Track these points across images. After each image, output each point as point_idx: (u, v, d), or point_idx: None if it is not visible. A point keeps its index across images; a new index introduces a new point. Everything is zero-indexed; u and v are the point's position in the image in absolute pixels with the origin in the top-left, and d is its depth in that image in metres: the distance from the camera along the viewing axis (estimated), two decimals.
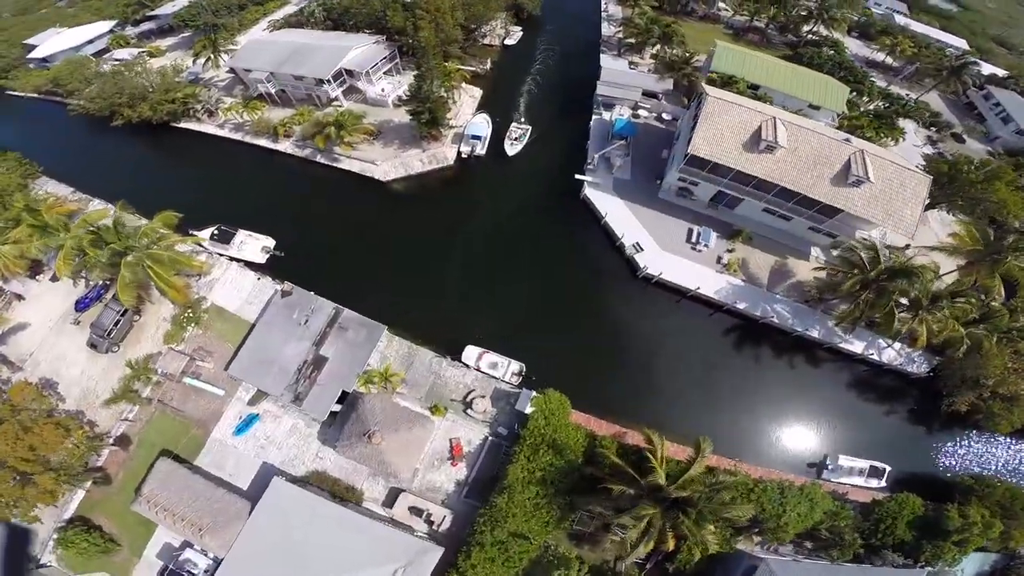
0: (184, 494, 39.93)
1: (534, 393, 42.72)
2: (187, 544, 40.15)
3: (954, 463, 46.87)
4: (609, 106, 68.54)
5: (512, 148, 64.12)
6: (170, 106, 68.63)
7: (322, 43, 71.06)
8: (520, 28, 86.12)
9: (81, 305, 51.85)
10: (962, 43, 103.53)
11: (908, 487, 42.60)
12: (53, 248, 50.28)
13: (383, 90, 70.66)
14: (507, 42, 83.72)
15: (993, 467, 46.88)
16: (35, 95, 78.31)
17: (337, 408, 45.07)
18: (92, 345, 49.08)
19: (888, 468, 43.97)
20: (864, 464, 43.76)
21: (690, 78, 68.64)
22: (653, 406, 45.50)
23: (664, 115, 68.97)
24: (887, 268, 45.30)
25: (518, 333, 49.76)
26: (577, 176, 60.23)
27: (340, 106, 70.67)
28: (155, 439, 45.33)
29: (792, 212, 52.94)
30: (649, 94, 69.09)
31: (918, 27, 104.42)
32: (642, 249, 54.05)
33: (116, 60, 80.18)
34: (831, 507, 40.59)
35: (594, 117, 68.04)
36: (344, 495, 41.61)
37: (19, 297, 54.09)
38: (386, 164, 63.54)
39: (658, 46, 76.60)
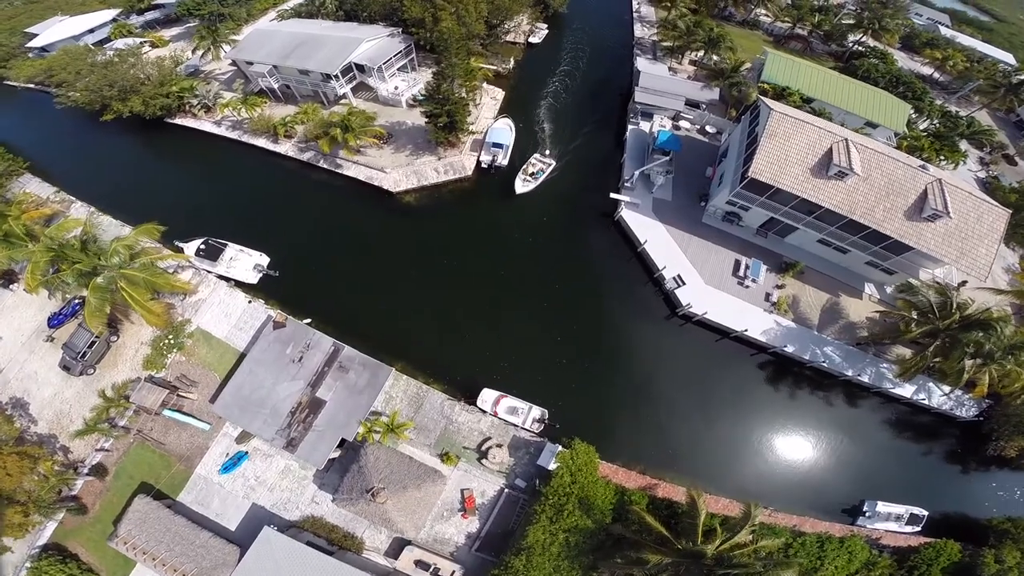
0: (164, 537, 35.70)
1: (559, 448, 37.88)
2: None
3: (996, 508, 42.55)
4: (647, 116, 62.27)
5: (523, 185, 56.00)
6: (164, 100, 62.99)
7: (331, 34, 64.92)
8: (546, 26, 79.70)
9: (54, 321, 46.70)
10: (1008, 57, 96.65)
11: (945, 531, 39.93)
12: (22, 259, 45.11)
13: (396, 88, 64.56)
14: (532, 40, 77.42)
15: None
16: (30, 86, 73.26)
17: (336, 455, 40.02)
18: (65, 367, 44.01)
19: (927, 514, 40.74)
20: (902, 510, 40.36)
21: (739, 88, 62.31)
22: (685, 453, 41.74)
23: (708, 128, 62.68)
24: (962, 319, 40.52)
25: (540, 374, 44.44)
26: (612, 195, 53.91)
27: (349, 104, 64.86)
28: (133, 471, 40.76)
29: (853, 246, 47.07)
30: (692, 104, 62.62)
31: (965, 40, 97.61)
32: (684, 283, 47.96)
33: (115, 49, 74.61)
34: (868, 557, 38.24)
35: (630, 128, 61.69)
36: (342, 543, 37.54)
37: None
38: (396, 172, 57.43)
39: (702, 52, 70.20)
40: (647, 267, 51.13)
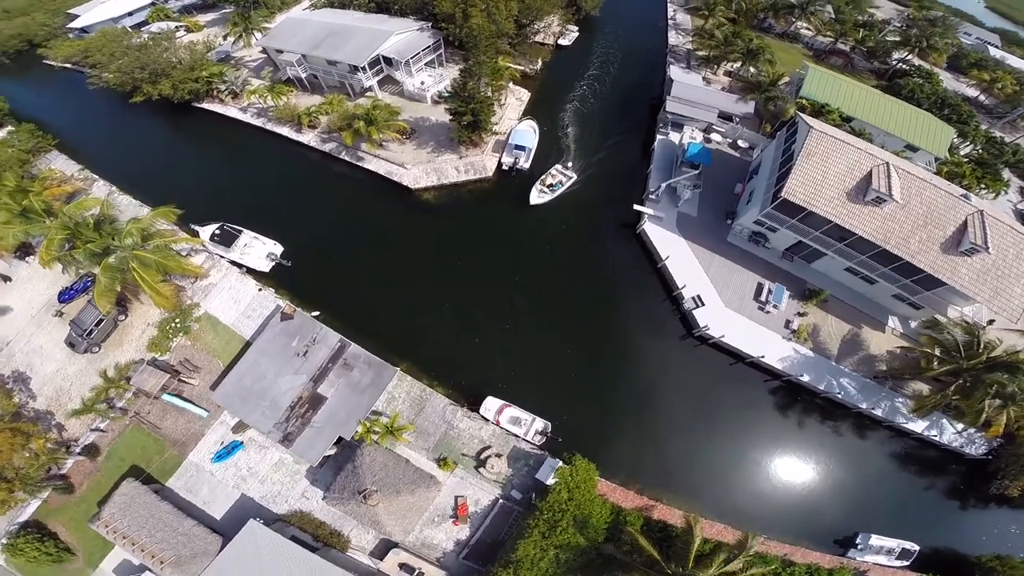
0: (147, 522, 35.15)
1: (559, 463, 36.99)
2: (147, 567, 35.22)
3: (990, 545, 40.60)
4: (678, 126, 60.24)
5: (539, 196, 53.99)
6: (193, 85, 63.48)
7: (362, 26, 64.48)
8: (576, 29, 78.04)
9: (65, 296, 46.87)
10: None
11: (935, 566, 38.76)
12: (38, 234, 45.11)
13: (422, 83, 63.79)
14: (561, 42, 75.94)
15: None
16: (67, 65, 74.42)
17: (332, 452, 39.19)
18: (70, 344, 43.96)
19: (918, 549, 39.41)
20: (895, 544, 39.09)
21: (776, 102, 60.07)
22: (685, 473, 40.54)
23: (740, 142, 60.44)
24: (988, 359, 38.95)
25: (547, 385, 43.14)
26: (636, 207, 52.13)
27: (374, 97, 64.32)
28: (126, 454, 40.34)
29: (882, 277, 44.70)
30: (725, 116, 60.41)
31: (1015, 61, 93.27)
32: (703, 304, 45.95)
33: (150, 32, 75.40)
34: None
35: (659, 138, 59.71)
36: (328, 540, 36.78)
37: (5, 279, 49.52)
38: (417, 169, 56.58)
39: (739, 63, 68.03)
40: (666, 284, 49.26)
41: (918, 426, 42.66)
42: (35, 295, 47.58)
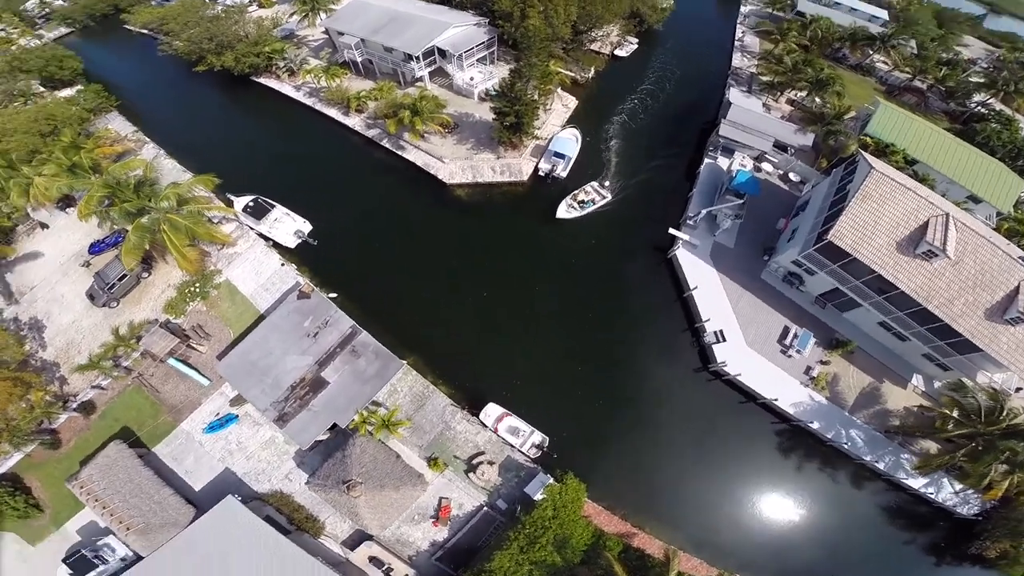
0: (124, 487, 34.77)
1: (550, 480, 36.22)
2: (111, 531, 35.03)
3: None
4: (728, 151, 57.39)
5: (567, 211, 51.78)
6: (254, 59, 65.38)
7: (421, 15, 64.43)
8: (636, 41, 75.89)
9: (95, 248, 48.14)
10: None
11: None
12: (81, 189, 46.41)
13: (472, 79, 63.13)
14: (617, 52, 73.93)
15: None
16: (144, 31, 78.15)
17: (324, 437, 38.65)
18: (90, 296, 44.89)
19: None
20: None
21: (837, 137, 56.74)
22: (673, 504, 39.20)
23: (791, 175, 57.17)
24: (1008, 427, 36.88)
25: (551, 400, 41.77)
26: (672, 231, 49.79)
27: (423, 88, 64.27)
28: (120, 414, 40.55)
29: (916, 336, 41.48)
30: (780, 146, 57.21)
31: None
32: (724, 340, 43.60)
33: (225, 5, 77.87)
34: None
35: (706, 161, 57.05)
36: (303, 524, 36.33)
37: (43, 226, 51.43)
38: (454, 164, 55.87)
39: (805, 92, 64.62)
40: (689, 313, 46.95)
41: (916, 482, 40.40)
42: (68, 244, 48.97)
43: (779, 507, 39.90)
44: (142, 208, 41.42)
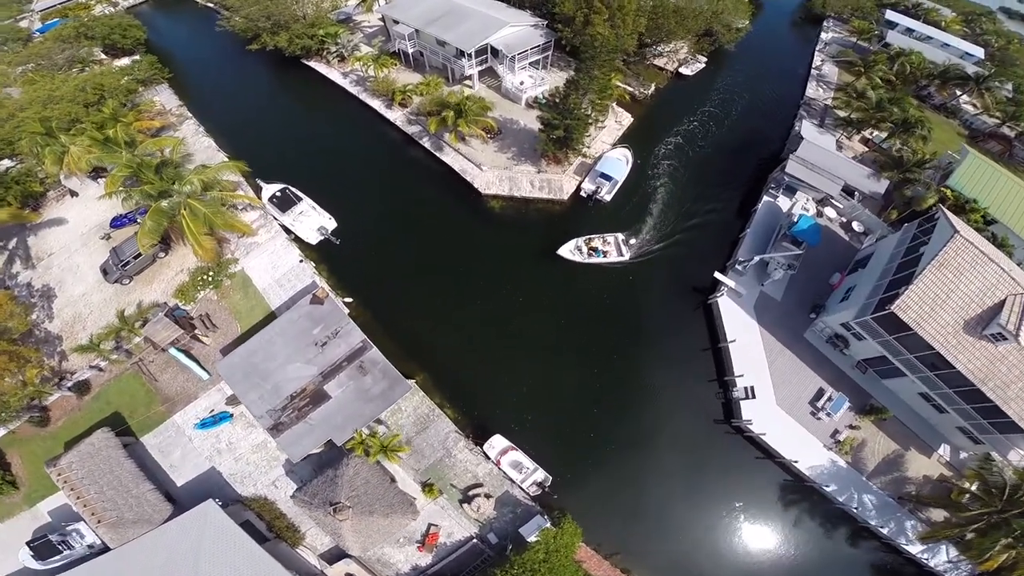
0: (103, 478, 33.40)
1: (547, 524, 34.27)
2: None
3: None
4: (791, 191, 52.13)
5: (571, 253, 46.68)
6: (307, 42, 63.89)
7: (478, 10, 61.30)
8: (705, 60, 70.68)
9: (116, 222, 47.16)
10: None
11: None
12: (111, 164, 45.15)
13: (522, 83, 59.69)
14: (682, 70, 68.95)
15: None
16: (209, 4, 78.40)
17: (318, 450, 36.59)
18: (103, 271, 43.89)
19: None
20: None
21: (915, 187, 51.06)
22: (667, 553, 37.00)
23: (855, 224, 51.54)
24: None
25: (561, 439, 39.46)
26: (717, 275, 44.97)
27: (471, 87, 61.41)
28: (114, 398, 39.24)
29: (959, 412, 37.35)
30: (848, 191, 51.70)
31: None
32: (753, 397, 40.01)
33: None
34: None
35: (765, 199, 51.91)
36: (282, 533, 34.85)
37: (73, 194, 50.90)
38: (491, 173, 52.56)
39: (886, 133, 58.50)
40: (721, 365, 43.11)
41: (914, 547, 37.64)
42: (93, 215, 48.04)
43: (769, 560, 37.45)
44: (163, 191, 39.77)
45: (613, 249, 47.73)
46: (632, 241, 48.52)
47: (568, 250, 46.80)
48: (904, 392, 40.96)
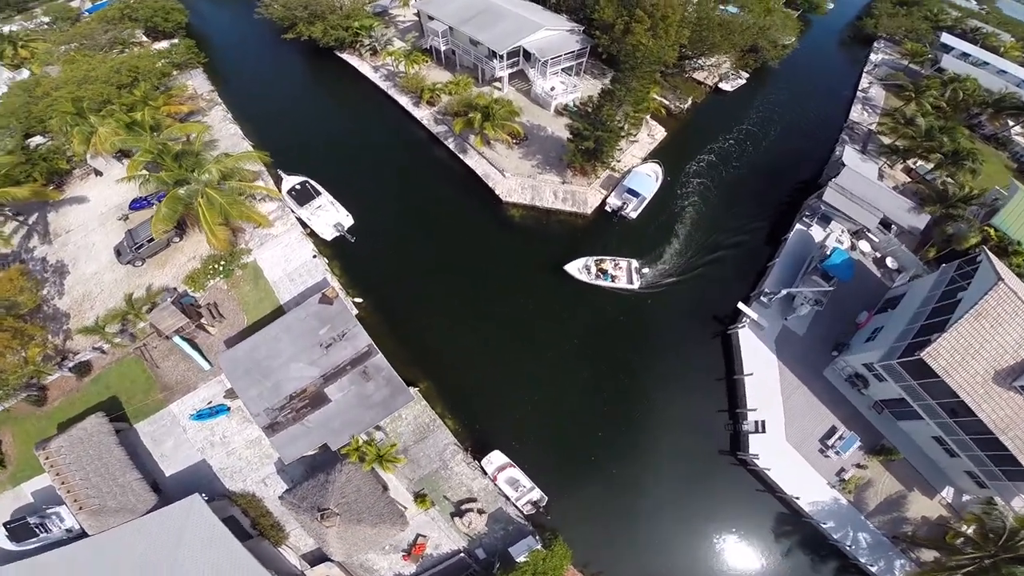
0: (90, 465, 33.06)
1: (537, 546, 33.40)
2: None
3: None
4: (826, 220, 49.57)
5: (579, 271, 45.03)
6: (342, 33, 63.49)
7: (514, 11, 59.90)
8: (746, 76, 68.03)
9: (136, 204, 47.19)
10: None
11: None
12: (134, 147, 45.38)
13: (552, 89, 58.09)
14: (722, 85, 66.49)
15: None
16: None
17: (311, 452, 35.95)
18: (117, 252, 43.92)
19: None
20: None
21: (957, 224, 48.09)
22: None
23: (889, 261, 48.51)
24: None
25: (559, 459, 38.42)
26: (741, 305, 43.06)
27: (500, 89, 60.12)
28: (113, 382, 38.96)
29: (971, 458, 35.85)
30: (885, 224, 48.85)
31: None
32: (763, 431, 38.63)
33: None
34: None
35: (797, 228, 49.15)
36: (266, 531, 34.57)
37: (98, 173, 51.19)
38: (514, 180, 51.15)
39: (932, 164, 55.16)
40: (733, 396, 41.33)
41: None
42: (113, 195, 48.19)
43: None
44: (180, 179, 39.44)
45: (623, 275, 45.62)
46: (645, 271, 46.13)
47: (576, 267, 45.12)
48: (918, 435, 39.45)
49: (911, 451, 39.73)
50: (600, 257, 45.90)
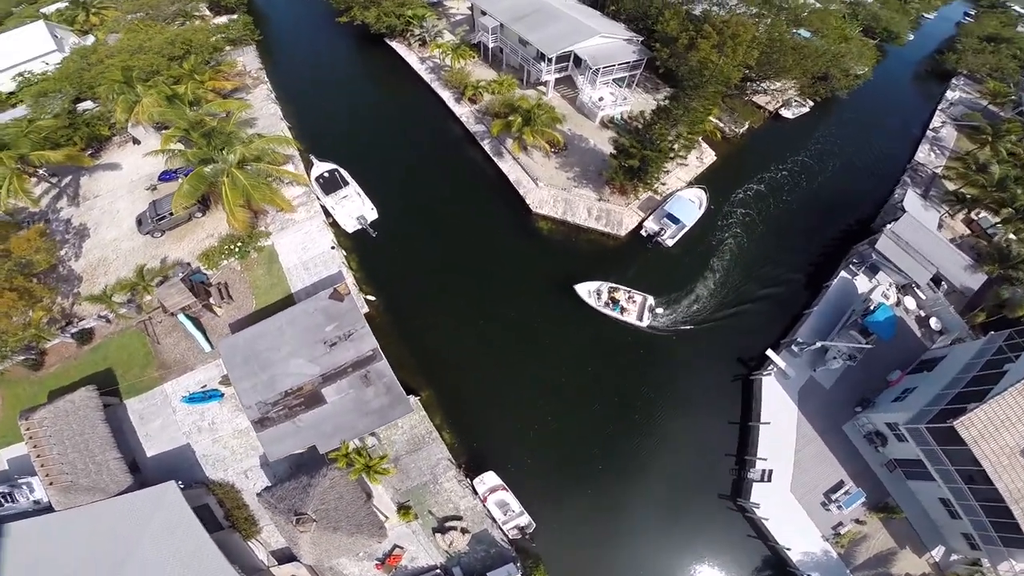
0: (70, 440, 32.56)
1: (518, 574, 32.56)
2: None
3: None
4: (874, 269, 45.47)
5: (588, 294, 42.41)
6: (394, 20, 63.04)
7: (568, 13, 57.81)
8: (810, 104, 63.52)
9: (165, 176, 47.20)
10: None
11: None
12: (170, 120, 45.34)
13: (600, 99, 55.44)
14: (782, 112, 62.37)
15: None
16: None
17: (299, 451, 34.57)
18: (139, 221, 43.91)
19: None
20: None
21: (1015, 288, 43.64)
22: None
23: (932, 321, 44.09)
24: None
25: (554, 486, 36.38)
26: (770, 352, 39.74)
27: (544, 93, 57.89)
28: (112, 354, 38.58)
29: (974, 523, 33.69)
30: (935, 280, 44.64)
31: None
32: (769, 481, 36.53)
33: None
34: None
35: (841, 275, 45.05)
36: (239, 523, 33.81)
37: (136, 142, 51.68)
38: (547, 191, 48.79)
39: (1000, 219, 50.18)
40: (744, 442, 38.82)
41: None
42: (146, 164, 48.22)
43: None
44: (206, 158, 38.82)
45: (635, 310, 42.48)
46: (659, 311, 42.73)
47: (586, 290, 42.52)
48: (924, 495, 37.29)
49: (913, 509, 37.80)
50: (616, 285, 43.05)
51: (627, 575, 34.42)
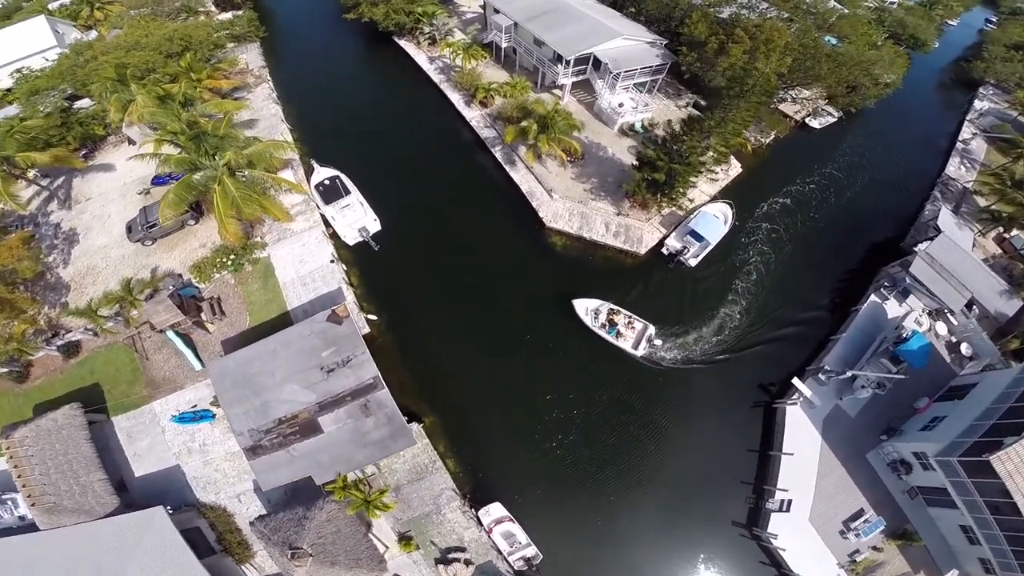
0: (53, 460, 31.15)
1: None
2: None
3: None
4: (905, 293, 42.64)
5: (586, 314, 39.74)
6: (403, 18, 61.02)
7: (587, 13, 55.00)
8: (837, 114, 60.08)
9: (158, 180, 44.84)
10: None
11: None
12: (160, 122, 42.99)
13: (620, 105, 52.53)
14: (809, 121, 59.08)
15: None
16: None
17: (293, 480, 32.39)
18: (128, 228, 41.77)
19: None
20: None
21: None
22: None
23: (964, 347, 41.13)
24: None
25: (564, 517, 34.39)
26: (795, 381, 37.22)
27: (560, 97, 55.17)
28: (99, 368, 36.72)
29: (994, 550, 32.07)
30: (968, 304, 41.80)
31: None
32: (788, 510, 34.72)
33: None
34: None
35: (872, 299, 42.08)
36: (232, 548, 32.20)
37: (131, 142, 49.27)
38: (562, 204, 45.97)
39: None
40: (763, 472, 36.66)
41: None
42: (140, 167, 44.79)
43: None
44: (194, 164, 36.45)
45: (631, 336, 39.49)
46: (657, 342, 39.71)
47: (584, 308, 39.86)
48: (945, 522, 35.52)
49: (931, 536, 36.04)
50: (616, 308, 40.16)
51: None
